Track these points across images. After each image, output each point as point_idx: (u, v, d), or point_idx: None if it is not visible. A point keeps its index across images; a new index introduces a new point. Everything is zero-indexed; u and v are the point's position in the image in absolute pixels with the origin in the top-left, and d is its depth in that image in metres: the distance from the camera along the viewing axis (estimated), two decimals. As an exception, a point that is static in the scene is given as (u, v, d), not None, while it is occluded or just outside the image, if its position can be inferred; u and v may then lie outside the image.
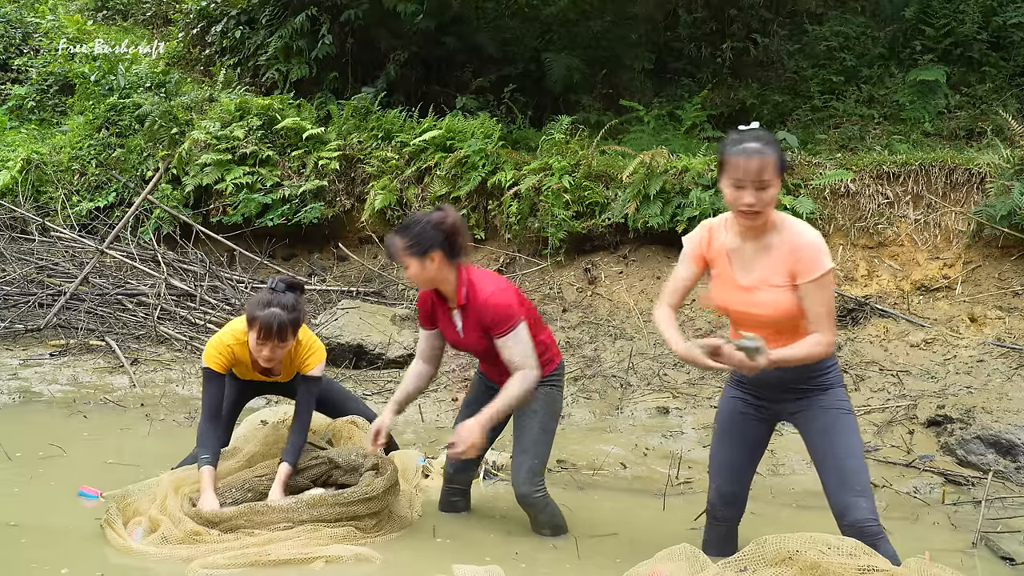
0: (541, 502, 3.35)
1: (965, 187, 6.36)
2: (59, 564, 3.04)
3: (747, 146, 2.66)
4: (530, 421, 3.36)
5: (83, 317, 6.94)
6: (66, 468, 4.15)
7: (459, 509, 3.64)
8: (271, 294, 3.39)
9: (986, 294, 5.94)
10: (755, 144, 2.66)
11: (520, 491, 3.33)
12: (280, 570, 3.01)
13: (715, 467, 3.04)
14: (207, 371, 3.52)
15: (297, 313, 3.39)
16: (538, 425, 3.34)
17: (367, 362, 6.22)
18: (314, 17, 9.35)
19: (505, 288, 3.25)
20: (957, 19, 8.58)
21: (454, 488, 3.63)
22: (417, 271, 3.19)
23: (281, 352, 3.41)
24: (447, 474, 3.62)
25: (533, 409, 3.35)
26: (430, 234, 3.15)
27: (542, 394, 3.36)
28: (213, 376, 3.51)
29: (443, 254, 3.17)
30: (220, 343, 3.52)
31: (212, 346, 3.53)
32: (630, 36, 9.58)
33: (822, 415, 2.79)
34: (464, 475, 3.61)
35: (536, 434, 3.33)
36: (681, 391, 5.42)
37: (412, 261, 3.17)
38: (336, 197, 8.49)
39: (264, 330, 3.31)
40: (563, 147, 7.56)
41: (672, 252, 7.29)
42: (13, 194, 9.17)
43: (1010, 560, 3.33)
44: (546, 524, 3.40)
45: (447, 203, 4.06)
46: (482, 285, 3.22)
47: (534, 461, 3.32)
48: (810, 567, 2.39)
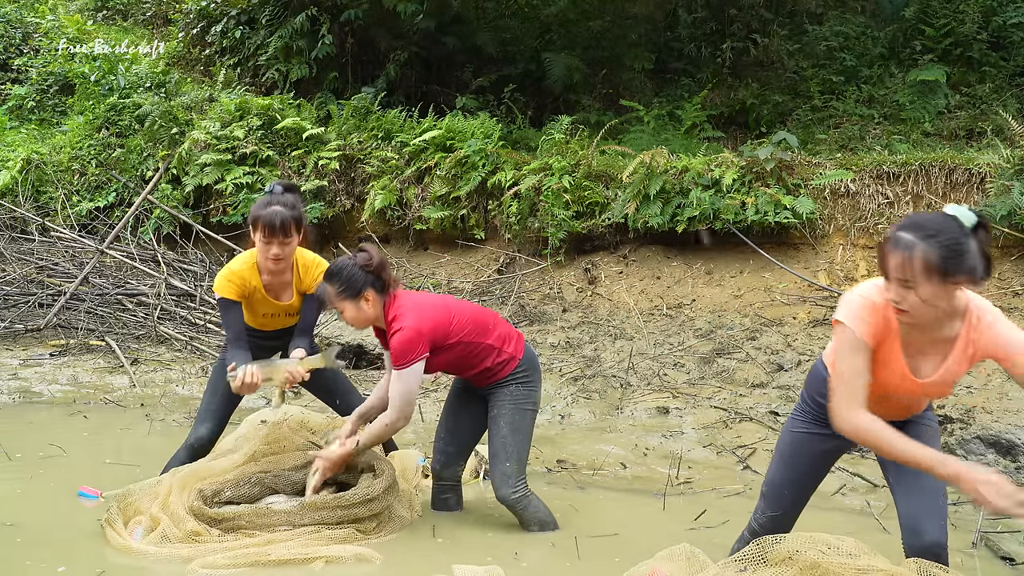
0: (521, 503, 3.39)
1: (965, 187, 6.37)
2: (56, 563, 3.04)
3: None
4: (495, 425, 3.40)
5: (83, 317, 6.94)
6: (66, 468, 4.15)
7: (451, 506, 3.64)
8: (270, 196, 3.48)
9: (986, 294, 5.90)
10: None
11: (498, 495, 3.39)
12: (280, 570, 3.01)
13: (782, 502, 2.81)
14: (222, 300, 3.55)
15: (298, 211, 3.48)
16: (506, 427, 3.37)
17: (367, 362, 6.23)
18: (314, 17, 9.36)
19: (413, 324, 3.21)
20: (957, 19, 8.58)
21: (443, 485, 3.64)
22: (354, 313, 3.26)
23: (288, 249, 3.46)
24: (434, 470, 3.65)
25: (498, 413, 3.39)
26: (359, 276, 3.22)
27: (506, 394, 3.39)
28: (229, 304, 3.55)
29: (375, 292, 3.25)
30: (228, 271, 3.56)
31: (221, 276, 3.57)
32: (630, 36, 9.59)
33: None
34: (451, 470, 3.63)
35: (504, 436, 3.37)
36: (681, 391, 5.42)
37: (347, 304, 3.24)
38: (336, 197, 8.50)
39: (268, 228, 3.38)
40: (563, 147, 7.56)
41: (672, 252, 7.30)
42: (13, 194, 9.18)
43: (1010, 560, 3.33)
44: (532, 521, 3.43)
45: (366, 243, 4.14)
46: (400, 319, 3.24)
47: (505, 464, 3.35)
48: (810, 567, 2.39)
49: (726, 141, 8.42)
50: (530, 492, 3.42)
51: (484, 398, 3.48)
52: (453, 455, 3.59)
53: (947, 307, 2.26)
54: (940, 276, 2.16)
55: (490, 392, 3.43)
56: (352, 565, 3.08)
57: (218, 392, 3.66)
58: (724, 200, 6.62)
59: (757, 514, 2.87)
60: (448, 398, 3.65)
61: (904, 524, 2.58)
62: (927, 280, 2.17)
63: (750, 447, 4.59)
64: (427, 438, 4.75)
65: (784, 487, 2.80)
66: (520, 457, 3.39)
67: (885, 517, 3.77)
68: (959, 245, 2.16)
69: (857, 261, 6.55)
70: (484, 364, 3.37)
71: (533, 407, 3.47)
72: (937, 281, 2.17)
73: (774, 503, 2.81)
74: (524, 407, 3.42)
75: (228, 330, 3.60)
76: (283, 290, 3.65)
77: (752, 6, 9.41)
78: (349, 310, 3.26)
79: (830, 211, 6.70)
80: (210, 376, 3.83)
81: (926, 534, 2.51)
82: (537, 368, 3.51)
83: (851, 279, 6.48)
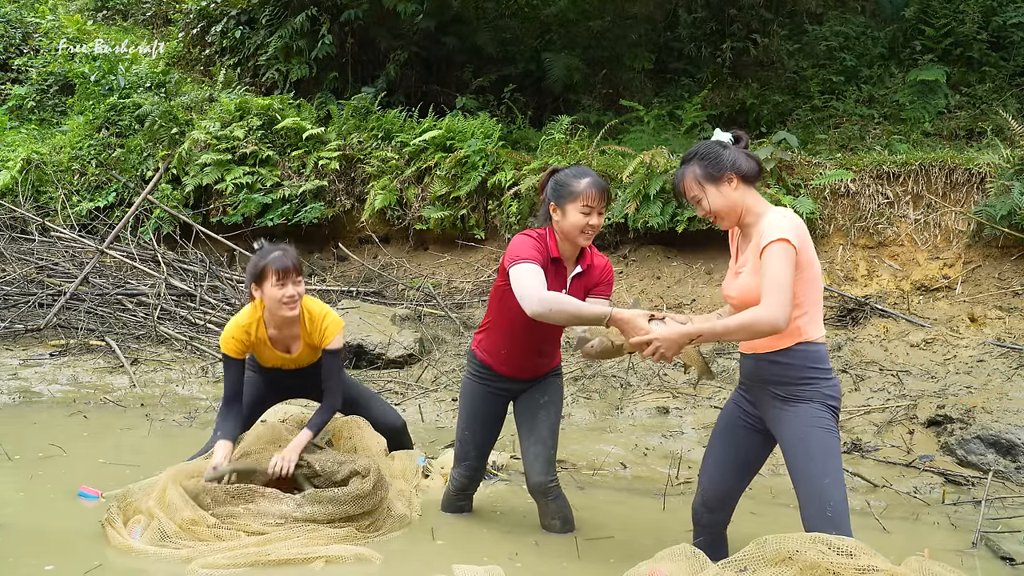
0: (554, 491, 3.38)
1: (965, 187, 6.36)
2: (44, 561, 3.04)
3: None
4: (545, 412, 3.38)
5: (83, 317, 6.94)
6: (66, 468, 4.15)
7: (462, 510, 3.64)
8: (264, 248, 3.55)
9: (986, 294, 5.94)
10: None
11: (536, 480, 3.33)
12: (280, 570, 3.01)
13: (703, 468, 2.97)
14: (225, 358, 3.57)
15: (295, 254, 3.55)
16: (555, 415, 3.40)
17: (367, 362, 6.22)
18: (314, 17, 9.36)
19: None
20: (957, 19, 8.57)
21: (466, 494, 3.62)
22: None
23: (302, 288, 3.51)
24: (461, 484, 3.56)
25: (549, 400, 3.40)
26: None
27: (558, 386, 3.44)
28: (231, 362, 3.57)
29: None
30: (234, 326, 3.58)
31: (227, 331, 3.59)
32: (630, 36, 9.58)
33: (785, 431, 2.66)
34: (476, 484, 3.61)
35: (553, 424, 3.39)
36: (681, 391, 5.42)
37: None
38: (336, 197, 8.50)
39: (280, 270, 3.44)
40: (563, 147, 7.56)
41: (672, 252, 7.30)
42: (13, 194, 9.18)
43: (1010, 560, 3.33)
44: (557, 514, 3.40)
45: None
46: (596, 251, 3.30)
47: (551, 452, 3.36)
48: (810, 567, 2.38)
49: (726, 141, 8.39)
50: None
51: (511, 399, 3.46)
52: (480, 469, 3.57)
53: (728, 207, 2.70)
54: (709, 181, 2.70)
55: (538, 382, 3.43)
56: (352, 565, 3.08)
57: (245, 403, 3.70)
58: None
59: (695, 496, 3.03)
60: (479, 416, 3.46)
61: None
62: (700, 189, 2.72)
63: (750, 447, 4.59)
64: (427, 438, 4.75)
65: (708, 454, 3.02)
66: (556, 449, 3.42)
67: (885, 517, 3.78)
68: (716, 154, 2.71)
69: (857, 261, 6.55)
70: (557, 344, 3.43)
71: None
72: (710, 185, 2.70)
73: (700, 475, 3.03)
74: (562, 402, 3.49)
75: (226, 388, 3.61)
76: (291, 342, 3.67)
77: (752, 6, 9.40)
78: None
79: (830, 211, 6.70)
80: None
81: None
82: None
83: (851, 279, 6.48)
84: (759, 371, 2.73)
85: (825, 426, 2.62)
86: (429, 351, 6.41)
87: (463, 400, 3.49)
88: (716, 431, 2.95)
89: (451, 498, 3.63)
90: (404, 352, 6.24)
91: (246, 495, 3.31)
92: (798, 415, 2.63)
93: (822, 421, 2.62)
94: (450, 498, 3.63)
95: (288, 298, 3.47)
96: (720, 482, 2.91)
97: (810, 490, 2.60)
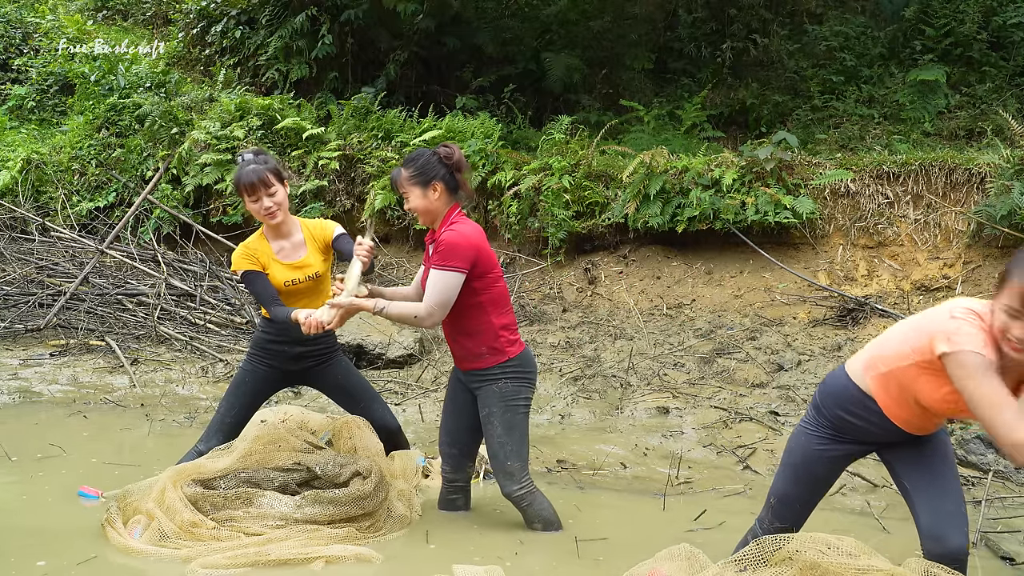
0: (525, 499, 3.38)
1: (965, 187, 6.37)
2: (37, 557, 3.04)
3: None
4: (488, 426, 3.37)
5: (83, 317, 6.94)
6: (66, 468, 4.15)
7: (459, 507, 3.64)
8: (242, 163, 3.60)
9: (986, 294, 5.93)
10: None
11: (504, 492, 3.40)
12: (280, 570, 3.01)
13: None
14: (244, 274, 3.57)
15: (271, 163, 3.59)
16: (500, 426, 3.34)
17: (367, 362, 6.22)
18: (314, 17, 9.36)
19: (469, 236, 3.24)
20: (957, 19, 8.58)
21: (454, 487, 3.64)
22: (419, 201, 3.31)
23: (278, 198, 3.54)
24: (445, 474, 3.65)
25: (488, 413, 3.35)
26: (435, 165, 3.27)
27: (493, 392, 3.33)
28: (252, 275, 3.57)
29: (445, 187, 3.28)
30: (240, 247, 3.63)
31: (235, 254, 3.62)
32: (630, 36, 9.59)
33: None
34: (460, 472, 3.62)
35: (500, 435, 3.34)
36: (681, 391, 5.42)
37: (416, 191, 3.30)
38: (336, 197, 8.50)
39: (249, 186, 3.50)
40: (563, 147, 7.56)
41: (672, 252, 7.30)
42: (13, 194, 9.18)
43: (1010, 560, 3.33)
44: (535, 519, 3.42)
45: (450, 142, 4.13)
46: (457, 226, 3.28)
47: (506, 463, 3.34)
48: (810, 567, 2.39)
49: (726, 141, 8.42)
50: (536, 489, 3.41)
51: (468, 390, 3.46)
52: (458, 456, 3.57)
53: None
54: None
55: (478, 389, 3.38)
56: (352, 565, 3.08)
57: (235, 408, 3.66)
58: (724, 200, 6.62)
59: (764, 524, 2.84)
60: (444, 402, 3.63)
61: (925, 530, 2.54)
62: None
63: (750, 447, 4.59)
64: (427, 438, 4.75)
65: (797, 502, 2.79)
66: (521, 453, 3.36)
67: (885, 517, 3.77)
68: None
69: (857, 261, 6.55)
70: (481, 341, 3.31)
71: (525, 404, 3.40)
72: None
73: (784, 516, 2.79)
74: (514, 404, 3.34)
75: (261, 299, 3.59)
76: (296, 250, 3.66)
77: (752, 6, 9.41)
78: (415, 197, 3.30)
79: (830, 211, 6.70)
80: (230, 388, 3.74)
81: (949, 540, 2.48)
82: (531, 368, 3.43)
83: (851, 279, 6.48)
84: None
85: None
86: (429, 351, 6.41)
87: None
88: (803, 479, 2.79)
89: (442, 491, 3.66)
90: (404, 352, 6.24)
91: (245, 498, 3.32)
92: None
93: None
94: (441, 492, 3.67)
95: (265, 211, 3.52)
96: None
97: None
